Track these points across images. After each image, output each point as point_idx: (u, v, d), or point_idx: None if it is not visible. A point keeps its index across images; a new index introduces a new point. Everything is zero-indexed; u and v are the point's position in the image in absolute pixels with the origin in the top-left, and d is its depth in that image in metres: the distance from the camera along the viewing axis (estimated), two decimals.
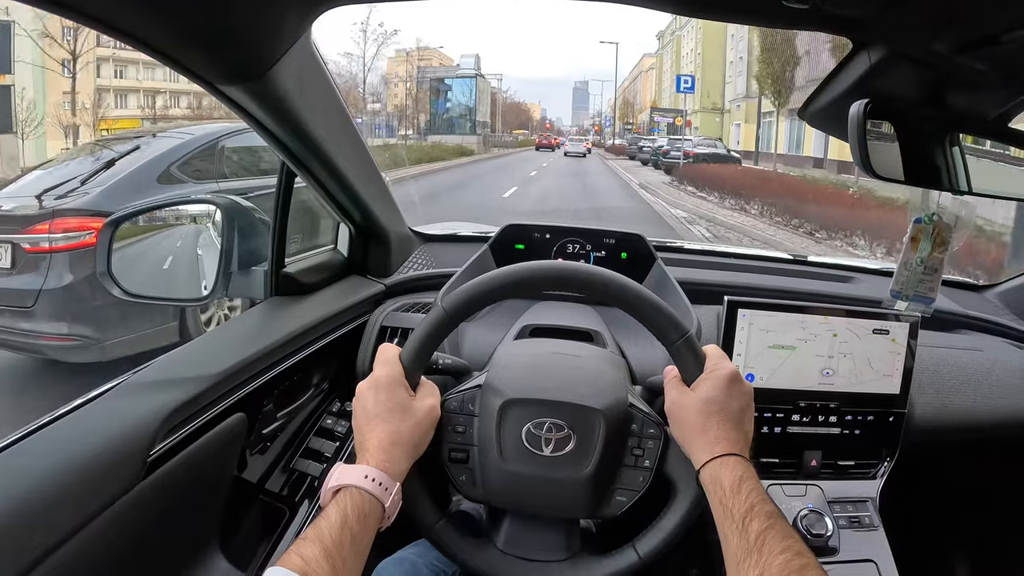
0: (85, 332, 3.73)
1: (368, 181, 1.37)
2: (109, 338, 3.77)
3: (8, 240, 3.73)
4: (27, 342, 3.81)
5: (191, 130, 4.67)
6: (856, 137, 0.89)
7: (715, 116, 46.98)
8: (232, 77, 0.89)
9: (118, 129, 22.65)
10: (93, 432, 0.82)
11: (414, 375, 0.87)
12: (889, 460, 1.30)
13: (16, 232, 3.73)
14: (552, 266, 0.91)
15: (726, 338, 1.22)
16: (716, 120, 46.57)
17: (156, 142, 4.40)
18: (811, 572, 0.68)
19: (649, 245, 1.48)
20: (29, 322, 3.70)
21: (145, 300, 1.35)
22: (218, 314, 4.41)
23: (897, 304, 1.28)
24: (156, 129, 5.43)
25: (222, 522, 1.03)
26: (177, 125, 8.18)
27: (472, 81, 63.61)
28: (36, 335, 3.73)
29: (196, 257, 1.44)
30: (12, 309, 3.72)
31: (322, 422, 1.30)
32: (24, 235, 3.71)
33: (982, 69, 0.88)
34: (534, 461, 0.88)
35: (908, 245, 1.25)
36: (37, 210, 3.82)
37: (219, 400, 0.98)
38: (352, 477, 0.76)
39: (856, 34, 0.89)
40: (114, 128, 23.90)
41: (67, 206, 3.80)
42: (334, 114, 1.16)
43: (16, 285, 3.70)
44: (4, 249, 3.74)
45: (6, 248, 3.74)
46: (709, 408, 0.82)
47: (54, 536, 0.71)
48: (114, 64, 28.93)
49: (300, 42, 0.91)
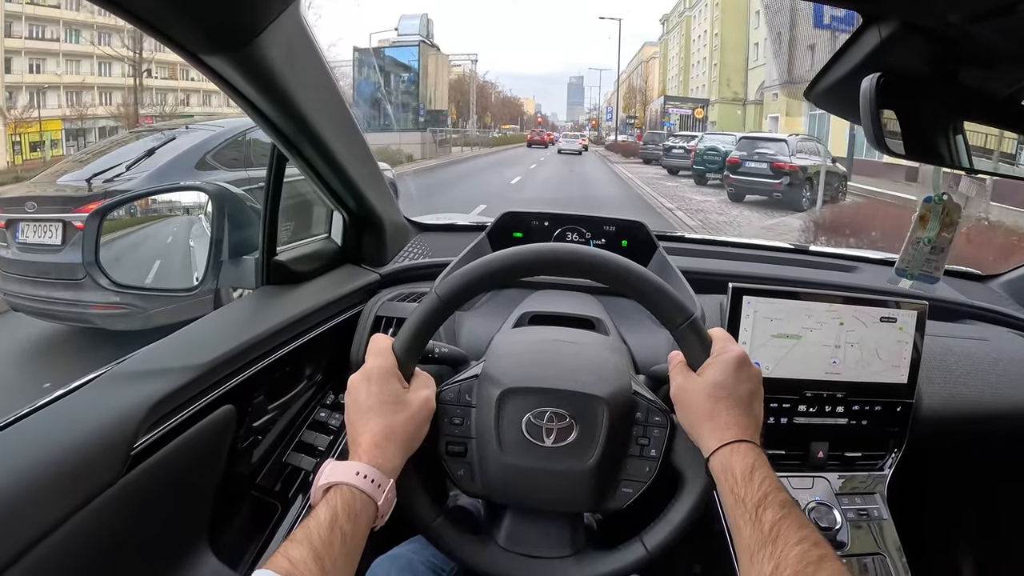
0: (131, 300, 4.00)
1: (362, 166, 1.33)
2: (154, 307, 4.06)
3: (59, 219, 4.10)
4: (76, 312, 4.17)
5: (221, 123, 5.11)
6: (869, 113, 0.86)
7: (736, 108, 40.38)
8: (215, 46, 0.85)
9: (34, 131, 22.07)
10: (73, 424, 0.79)
11: (408, 366, 0.84)
12: (897, 451, 1.28)
13: (68, 211, 4.10)
14: (551, 248, 0.87)
15: (731, 326, 1.19)
16: (738, 112, 40.01)
17: (190, 133, 4.89)
18: (829, 563, 0.65)
19: (650, 232, 1.46)
20: (79, 293, 4.04)
21: (133, 291, 1.32)
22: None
23: (901, 282, 1.25)
24: (189, 121, 6.09)
25: (211, 518, 0.99)
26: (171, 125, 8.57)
27: (414, 51, 44.03)
28: (86, 304, 4.09)
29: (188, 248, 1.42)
30: (63, 281, 4.09)
31: (315, 415, 1.27)
32: (75, 214, 4.06)
33: (997, 41, 0.85)
34: (535, 453, 0.85)
35: (916, 223, 1.22)
36: (88, 192, 4.23)
37: (207, 391, 0.95)
38: (343, 474, 0.73)
39: (867, 6, 0.86)
40: (28, 131, 23.02)
41: (116, 188, 4.15)
42: (325, 91, 1.12)
43: (67, 259, 4.05)
44: (55, 228, 4.12)
45: (57, 227, 4.11)
46: (717, 393, 0.79)
47: (31, 533, 0.68)
48: (28, 57, 24.17)
49: (289, 11, 0.87)
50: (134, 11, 0.72)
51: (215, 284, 1.27)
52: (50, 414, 0.82)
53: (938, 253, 1.23)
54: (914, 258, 1.23)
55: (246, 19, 0.82)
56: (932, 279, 1.25)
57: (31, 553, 0.67)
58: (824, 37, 21.66)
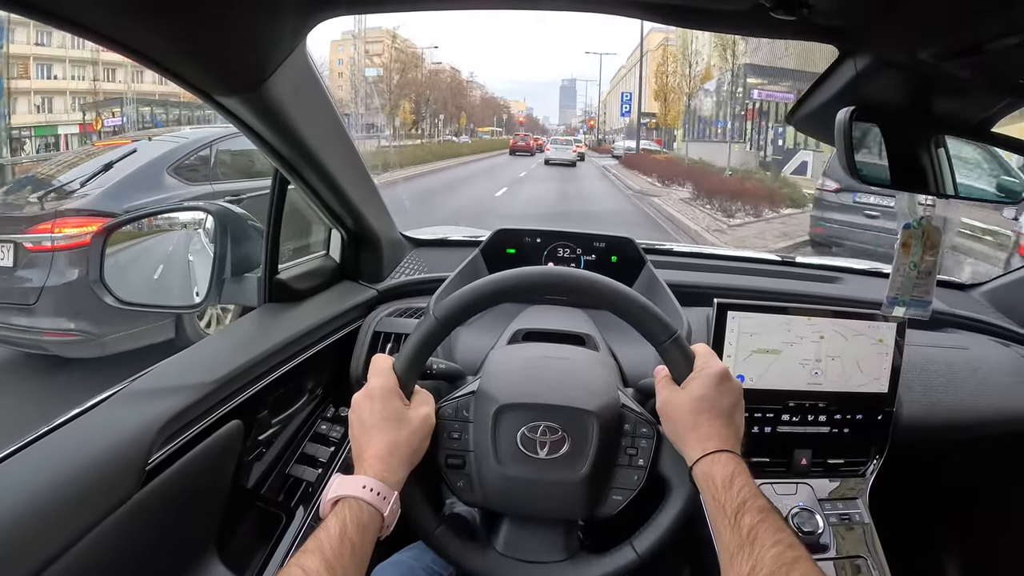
0: (86, 327, 3.82)
1: (359, 186, 1.37)
2: (108, 333, 3.85)
3: (10, 240, 3.84)
4: (29, 338, 3.89)
5: (185, 134, 4.82)
6: (843, 144, 0.91)
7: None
8: (229, 88, 0.90)
9: None
10: (92, 442, 0.83)
11: (408, 384, 0.88)
12: (878, 458, 1.32)
13: (20, 232, 3.84)
14: (541, 272, 0.93)
15: (716, 340, 1.24)
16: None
17: (152, 145, 4.55)
18: (803, 564, 0.69)
19: (639, 248, 1.50)
20: (31, 318, 3.81)
21: (138, 308, 1.35)
22: (214, 312, 4.47)
23: (895, 310, 1.29)
24: (152, 133, 5.60)
25: (219, 529, 1.03)
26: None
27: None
28: (38, 331, 3.83)
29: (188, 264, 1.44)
30: (15, 306, 3.82)
31: (317, 427, 1.31)
32: (27, 235, 3.83)
33: (967, 76, 0.89)
34: (530, 464, 0.89)
35: (900, 251, 1.26)
36: (39, 211, 3.96)
37: (216, 407, 0.99)
38: (350, 488, 0.77)
39: (842, 43, 0.90)
40: None
41: (68, 207, 3.93)
42: (329, 122, 1.17)
43: (18, 283, 3.82)
44: (6, 249, 3.85)
45: (8, 248, 3.84)
46: (700, 406, 0.84)
47: (50, 550, 0.71)
48: None
49: (296, 52, 0.92)
50: (153, 57, 0.76)
51: (218, 301, 1.30)
52: (68, 433, 0.85)
53: (925, 276, 1.27)
54: (904, 285, 1.27)
55: (258, 63, 0.87)
56: (925, 303, 1.29)
57: (55, 565, 0.71)
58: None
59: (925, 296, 1.30)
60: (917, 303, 1.30)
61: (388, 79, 46.69)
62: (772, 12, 0.75)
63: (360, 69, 44.76)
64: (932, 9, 0.76)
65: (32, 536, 0.70)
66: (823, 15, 0.77)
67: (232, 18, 0.76)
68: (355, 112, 40.35)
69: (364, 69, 44.96)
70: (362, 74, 44.65)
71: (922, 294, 1.29)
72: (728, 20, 0.87)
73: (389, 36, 48.81)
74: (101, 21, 0.69)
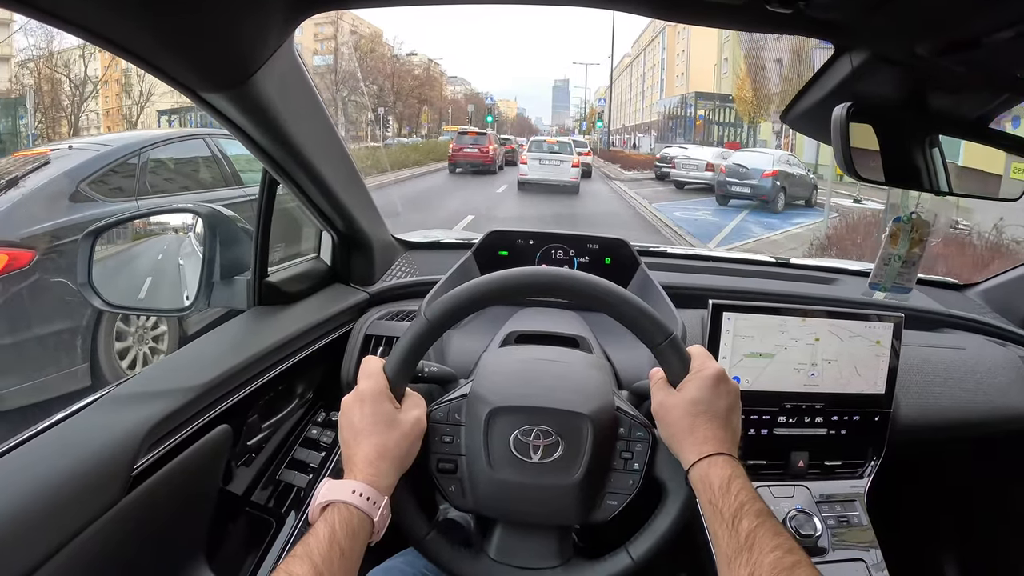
0: None
1: (350, 188, 1.36)
2: (5, 386, 3.22)
3: None
4: None
5: (110, 139, 4.20)
6: (839, 140, 0.90)
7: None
8: (215, 84, 0.88)
9: None
10: (75, 446, 0.81)
11: (399, 387, 0.87)
12: (876, 459, 1.31)
13: None
14: (535, 272, 0.91)
15: (711, 341, 1.23)
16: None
17: (70, 156, 3.84)
18: (802, 570, 0.68)
19: (633, 250, 1.49)
20: None
21: (126, 310, 1.33)
22: (140, 350, 3.88)
23: (876, 294, 1.31)
24: (73, 141, 4.58)
25: (208, 535, 1.01)
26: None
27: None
28: None
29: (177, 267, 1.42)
30: None
31: (307, 432, 1.29)
32: None
33: (963, 71, 0.88)
34: (523, 469, 0.87)
35: (887, 241, 1.27)
36: None
37: (203, 412, 0.97)
38: (340, 493, 0.75)
39: (838, 38, 0.89)
40: None
41: None
42: (316, 120, 1.15)
43: None
44: None
45: None
46: (696, 408, 0.82)
47: (35, 556, 0.69)
48: None
49: (283, 48, 0.90)
50: (137, 52, 0.75)
51: (207, 304, 1.28)
52: (52, 437, 0.83)
53: (910, 267, 1.28)
54: (886, 273, 1.28)
55: (243, 59, 0.85)
56: (905, 289, 1.31)
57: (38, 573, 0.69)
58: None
59: (907, 283, 1.32)
60: (898, 289, 1.32)
61: (337, 67, 38.01)
62: (768, 5, 0.74)
63: (307, 52, 36.03)
64: (929, 1, 0.75)
65: (13, 544, 0.68)
66: (819, 8, 0.76)
67: (219, 13, 0.75)
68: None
69: (312, 57, 36.89)
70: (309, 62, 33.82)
71: (904, 281, 1.31)
72: (724, 14, 0.85)
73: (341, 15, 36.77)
74: (84, 15, 0.68)
